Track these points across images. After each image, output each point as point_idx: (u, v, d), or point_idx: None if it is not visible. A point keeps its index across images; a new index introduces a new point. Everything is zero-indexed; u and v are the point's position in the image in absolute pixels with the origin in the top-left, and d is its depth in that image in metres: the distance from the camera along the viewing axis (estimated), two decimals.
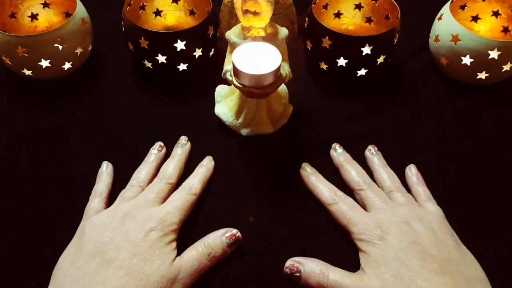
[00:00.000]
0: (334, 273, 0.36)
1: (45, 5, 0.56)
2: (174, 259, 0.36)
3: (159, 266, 0.35)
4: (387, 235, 0.37)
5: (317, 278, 0.36)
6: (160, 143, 0.46)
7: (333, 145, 0.47)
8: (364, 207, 0.41)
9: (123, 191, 0.42)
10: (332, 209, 0.41)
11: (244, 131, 0.48)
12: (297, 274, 0.37)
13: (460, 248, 0.37)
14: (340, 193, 0.42)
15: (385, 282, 0.34)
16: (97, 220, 0.38)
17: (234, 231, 0.39)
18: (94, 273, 0.34)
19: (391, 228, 0.37)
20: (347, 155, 0.46)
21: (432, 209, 0.40)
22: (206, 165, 0.45)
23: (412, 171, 0.45)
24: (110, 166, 0.45)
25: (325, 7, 0.57)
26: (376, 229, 0.37)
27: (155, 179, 0.43)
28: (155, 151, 0.46)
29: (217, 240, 0.38)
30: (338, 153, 0.46)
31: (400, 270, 0.34)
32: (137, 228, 0.37)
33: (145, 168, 0.44)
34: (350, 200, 0.41)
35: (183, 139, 0.47)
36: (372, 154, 0.46)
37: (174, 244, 0.37)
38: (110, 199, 0.43)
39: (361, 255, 0.37)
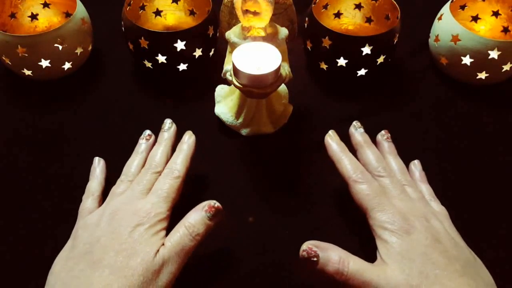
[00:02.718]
0: (354, 262, 0.34)
1: (45, 5, 0.56)
2: (159, 249, 0.35)
3: (142, 259, 0.34)
4: (413, 229, 0.35)
5: (336, 266, 0.34)
6: (148, 131, 0.45)
7: (354, 122, 0.44)
8: None
9: (113, 187, 0.41)
10: (355, 188, 0.38)
11: (244, 131, 0.48)
12: (315, 259, 0.34)
13: (471, 251, 0.37)
14: (367, 174, 0.39)
15: (409, 277, 0.33)
16: (89, 221, 0.38)
17: (212, 202, 0.37)
18: (81, 275, 0.33)
19: (415, 222, 0.36)
20: (367, 137, 0.43)
21: (438, 209, 0.40)
22: (187, 141, 0.43)
23: (416, 167, 0.44)
24: (102, 161, 0.45)
25: (325, 7, 0.57)
26: (403, 221, 0.35)
27: (142, 170, 0.41)
28: (144, 141, 0.44)
29: (196, 216, 0.36)
30: (359, 132, 0.43)
31: (426, 267, 0.33)
32: (122, 225, 0.36)
33: (135, 160, 0.43)
34: (376, 184, 0.39)
35: (168, 122, 0.45)
36: (384, 139, 0.44)
37: (163, 233, 0.36)
38: (104, 196, 0.42)
39: (380, 243, 0.36)
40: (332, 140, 0.42)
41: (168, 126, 0.45)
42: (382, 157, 0.42)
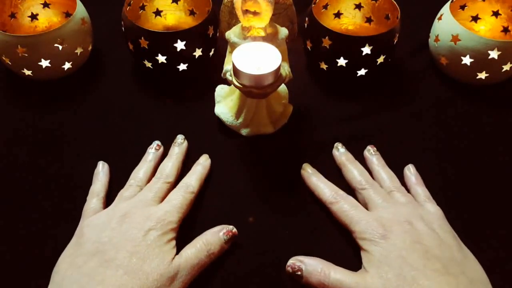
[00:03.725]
0: (335, 272, 0.36)
1: (45, 5, 0.56)
2: (173, 258, 0.36)
3: (158, 265, 0.35)
4: (390, 233, 0.36)
5: (318, 277, 0.36)
6: (158, 142, 0.46)
7: (336, 144, 0.47)
8: (365, 206, 0.41)
9: (121, 190, 0.42)
10: (333, 208, 0.41)
11: (244, 131, 0.48)
12: (299, 273, 0.37)
13: (462, 249, 0.37)
14: (341, 192, 0.42)
15: (387, 282, 0.34)
16: (96, 220, 0.38)
17: (230, 227, 0.39)
18: (92, 273, 0.34)
19: (393, 227, 0.37)
20: (349, 155, 0.46)
21: (432, 209, 0.40)
22: (203, 163, 0.45)
23: (411, 171, 0.45)
24: (106, 165, 0.45)
25: (325, 7, 0.57)
26: (379, 228, 0.37)
27: (153, 179, 0.43)
28: (153, 151, 0.46)
29: (214, 237, 0.38)
30: (340, 152, 0.46)
31: (403, 270, 0.34)
32: (135, 227, 0.37)
33: (143, 167, 0.44)
34: (351, 199, 0.41)
35: (180, 138, 0.47)
36: (371, 154, 0.46)
37: (174, 242, 0.37)
38: (108, 199, 0.42)
39: (363, 254, 0.37)
40: (306, 172, 0.45)
41: (180, 142, 0.46)
42: (364, 171, 0.44)
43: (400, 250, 0.35)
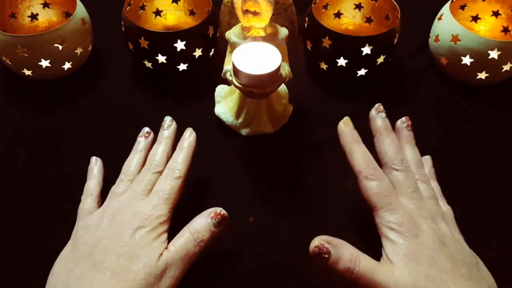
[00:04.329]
0: (365, 261, 0.34)
1: (45, 5, 0.56)
2: (162, 253, 0.35)
3: (145, 263, 0.33)
4: (420, 231, 0.35)
5: (347, 264, 0.33)
6: (147, 129, 0.44)
7: (376, 105, 0.42)
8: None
9: (113, 187, 0.41)
10: (365, 184, 0.37)
11: (244, 131, 0.48)
12: (326, 256, 0.33)
13: (474, 254, 0.36)
14: (379, 170, 0.38)
15: (417, 280, 0.32)
16: (90, 221, 0.38)
17: (218, 209, 0.37)
18: (82, 277, 0.33)
19: (423, 224, 0.35)
20: (388, 123, 0.41)
21: (445, 208, 0.39)
22: (188, 138, 0.42)
23: (426, 163, 0.43)
24: (100, 160, 0.44)
25: (325, 7, 0.57)
26: (411, 223, 0.35)
27: (143, 170, 0.41)
28: (143, 139, 0.44)
29: (202, 222, 0.36)
30: (380, 117, 0.41)
31: (432, 270, 0.33)
32: (124, 227, 0.36)
33: (134, 158, 0.42)
34: (388, 181, 0.37)
35: (168, 120, 0.44)
36: (404, 128, 0.42)
37: (165, 236, 0.36)
38: (103, 195, 0.42)
39: (387, 243, 0.35)
40: (346, 127, 0.40)
41: (168, 124, 0.44)
42: (400, 148, 0.40)
43: (431, 250, 0.34)
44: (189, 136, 0.42)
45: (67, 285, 0.33)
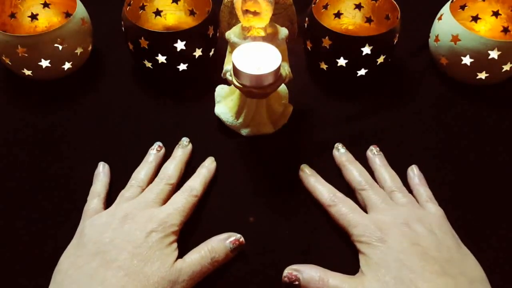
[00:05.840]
0: (333, 278, 0.36)
1: (45, 5, 0.56)
2: (175, 261, 0.36)
3: (159, 267, 0.35)
4: (387, 236, 0.36)
5: (317, 285, 0.35)
6: (159, 143, 0.46)
7: (336, 144, 0.47)
8: (364, 207, 0.41)
9: (122, 191, 0.42)
10: (331, 211, 0.41)
11: (244, 131, 0.48)
12: (296, 283, 0.36)
13: (461, 249, 0.37)
14: (339, 194, 0.42)
15: (385, 285, 0.34)
16: (97, 221, 0.38)
17: (238, 236, 0.39)
18: (93, 273, 0.34)
19: (391, 229, 0.37)
20: (349, 155, 0.46)
21: (433, 210, 0.40)
22: (208, 166, 0.45)
23: (414, 172, 0.45)
24: (107, 166, 0.45)
25: (325, 7, 0.57)
26: (376, 231, 0.37)
27: (155, 180, 0.42)
28: (154, 152, 0.45)
29: (220, 244, 0.38)
30: (341, 153, 0.46)
31: (401, 272, 0.34)
32: (137, 229, 0.37)
33: (144, 168, 0.44)
34: (349, 201, 0.41)
35: (185, 140, 0.46)
36: (374, 154, 0.46)
37: (175, 245, 0.37)
38: (108, 199, 0.42)
39: (361, 257, 0.37)
40: (304, 173, 0.44)
41: (185, 144, 0.46)
42: (364, 171, 0.44)
43: (398, 252, 0.35)
44: (209, 164, 0.45)
45: (76, 281, 0.34)
